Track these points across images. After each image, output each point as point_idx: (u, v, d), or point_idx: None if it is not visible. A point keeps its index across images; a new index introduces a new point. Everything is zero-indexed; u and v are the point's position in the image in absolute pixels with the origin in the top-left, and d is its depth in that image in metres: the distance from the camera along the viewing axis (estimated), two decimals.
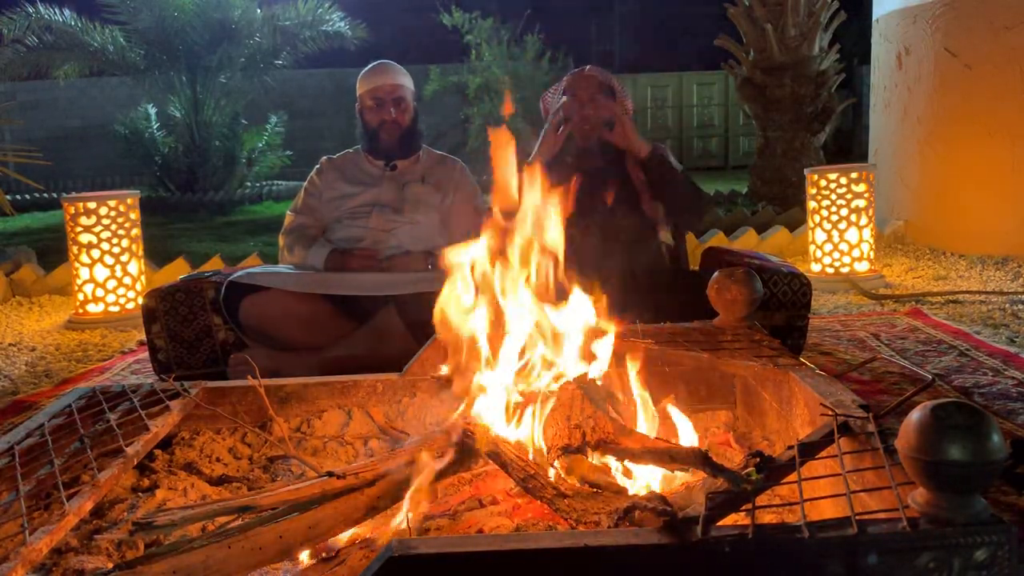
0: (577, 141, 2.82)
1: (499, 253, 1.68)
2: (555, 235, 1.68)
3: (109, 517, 1.63)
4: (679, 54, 14.51)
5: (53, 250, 5.67)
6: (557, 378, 1.65)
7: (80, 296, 4.02)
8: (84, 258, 4.00)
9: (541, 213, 1.67)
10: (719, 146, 14.28)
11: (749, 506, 1.17)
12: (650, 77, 14.13)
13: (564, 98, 2.85)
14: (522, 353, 1.67)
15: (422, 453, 1.49)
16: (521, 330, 1.67)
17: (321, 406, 2.06)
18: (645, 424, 1.65)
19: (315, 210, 2.95)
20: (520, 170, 1.68)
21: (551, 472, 1.52)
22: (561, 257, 1.69)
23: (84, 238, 3.98)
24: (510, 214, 1.68)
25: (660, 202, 2.77)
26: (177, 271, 4.61)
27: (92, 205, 3.98)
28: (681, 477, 1.54)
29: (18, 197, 10.35)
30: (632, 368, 1.68)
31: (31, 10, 9.31)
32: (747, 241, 5.20)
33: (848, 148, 12.51)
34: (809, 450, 1.35)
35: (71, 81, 10.78)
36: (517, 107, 11.50)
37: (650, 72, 14.19)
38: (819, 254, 4.42)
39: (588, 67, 2.85)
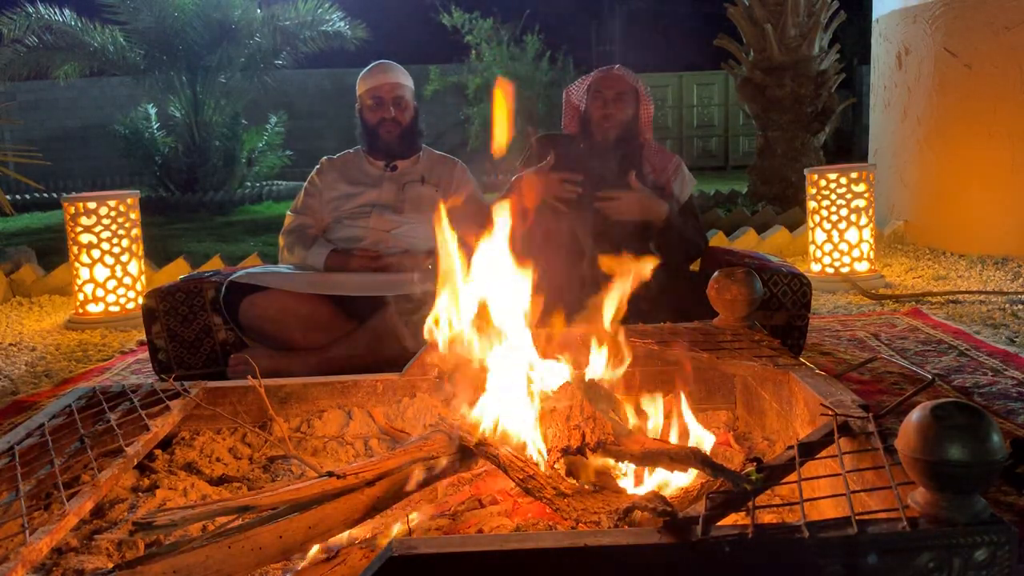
0: (594, 137, 2.82)
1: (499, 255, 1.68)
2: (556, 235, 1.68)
3: (109, 517, 1.63)
4: (679, 54, 14.51)
5: (53, 250, 5.67)
6: (557, 379, 1.65)
7: (80, 296, 4.02)
8: (84, 258, 3.99)
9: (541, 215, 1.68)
10: (719, 146, 14.29)
11: (749, 506, 1.17)
12: (650, 77, 14.11)
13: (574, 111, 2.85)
14: (522, 354, 1.67)
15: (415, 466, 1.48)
16: (521, 331, 1.67)
17: (321, 406, 2.06)
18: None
19: (315, 210, 2.95)
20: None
21: (550, 472, 1.52)
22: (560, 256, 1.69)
23: (84, 238, 3.98)
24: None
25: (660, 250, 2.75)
26: (177, 271, 4.61)
27: (92, 205, 3.98)
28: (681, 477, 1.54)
29: (18, 197, 10.37)
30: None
31: (31, 10, 9.32)
32: (747, 241, 5.20)
33: (848, 148, 12.52)
34: (809, 450, 1.35)
35: (71, 81, 10.79)
36: (517, 106, 11.53)
37: (650, 72, 14.20)
38: (819, 254, 4.42)
39: (616, 67, 2.87)
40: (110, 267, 4.01)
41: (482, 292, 1.66)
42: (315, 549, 1.36)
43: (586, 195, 2.67)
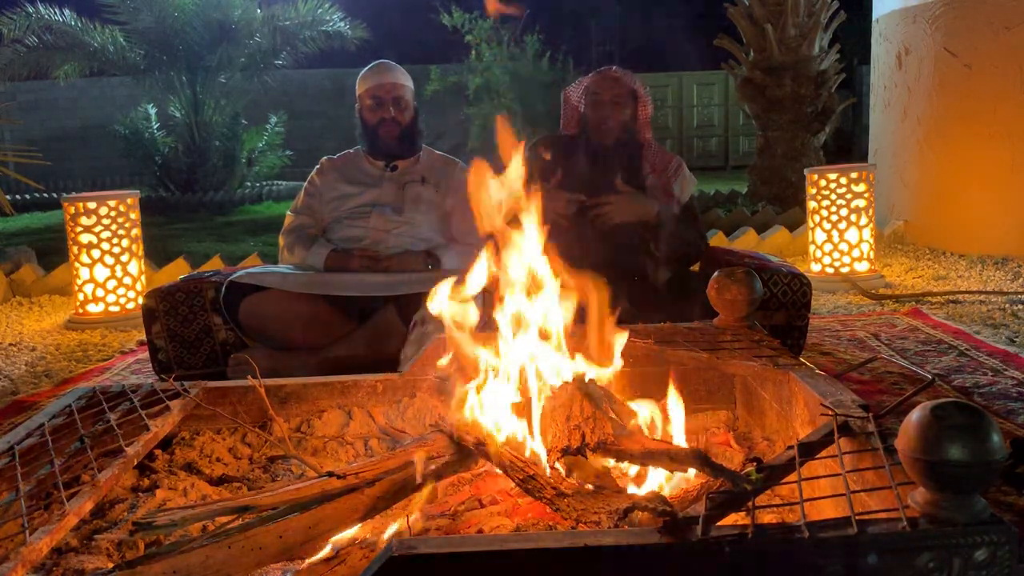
0: (592, 139, 2.82)
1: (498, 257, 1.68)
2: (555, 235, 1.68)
3: (109, 517, 1.63)
4: (679, 54, 14.52)
5: (53, 250, 5.67)
6: (557, 379, 1.65)
7: (80, 296, 4.02)
8: (84, 258, 4.00)
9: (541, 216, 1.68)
10: (719, 146, 14.29)
11: (749, 506, 1.17)
12: (650, 77, 14.12)
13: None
14: (522, 354, 1.67)
15: (419, 456, 1.49)
16: (521, 331, 1.67)
17: (321, 406, 2.06)
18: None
19: (315, 210, 2.95)
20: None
21: (550, 472, 1.52)
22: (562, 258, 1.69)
23: (84, 238, 3.98)
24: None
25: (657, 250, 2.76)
26: (177, 271, 4.61)
27: (92, 205, 3.98)
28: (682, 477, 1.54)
29: (18, 197, 10.37)
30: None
31: (31, 10, 9.32)
32: (747, 241, 5.20)
33: (848, 148, 12.52)
34: (809, 450, 1.35)
35: (71, 81, 10.79)
36: (516, 107, 11.53)
37: (650, 72, 14.21)
38: (819, 254, 4.43)
39: (613, 68, 2.85)
40: (110, 267, 4.01)
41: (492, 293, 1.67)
42: (323, 552, 1.36)
43: (586, 201, 2.68)
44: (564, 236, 1.97)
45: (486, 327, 1.70)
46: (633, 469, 1.56)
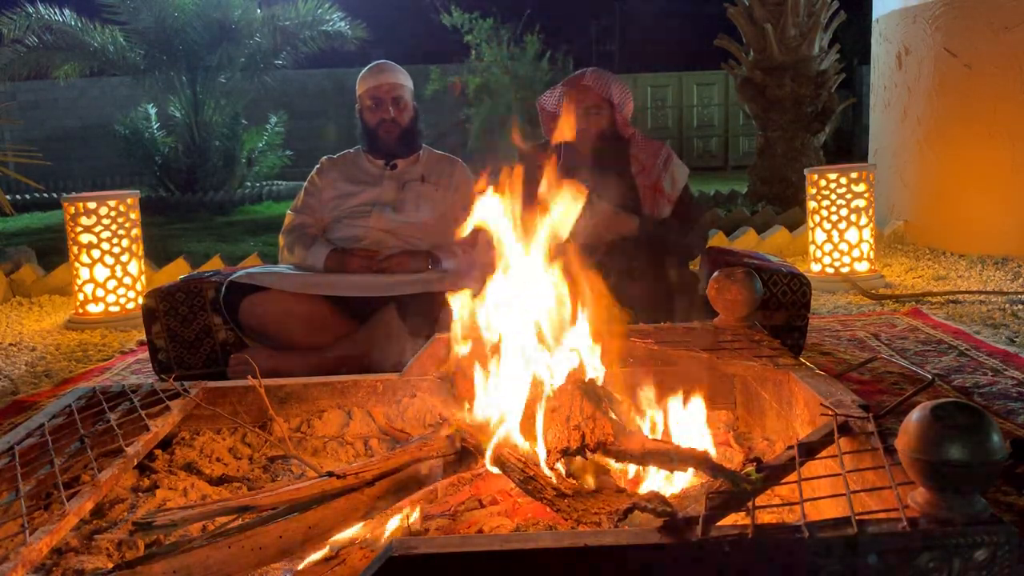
0: (575, 156, 2.74)
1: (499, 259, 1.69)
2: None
3: (109, 517, 1.63)
4: (679, 54, 14.52)
5: (53, 250, 5.67)
6: (557, 379, 1.65)
7: (80, 296, 4.02)
8: (84, 258, 4.00)
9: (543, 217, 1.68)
10: (719, 146, 14.29)
11: (749, 506, 1.17)
12: (650, 77, 14.14)
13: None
14: (522, 355, 1.67)
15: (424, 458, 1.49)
16: (521, 332, 1.67)
17: (321, 406, 2.06)
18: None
19: (315, 210, 2.95)
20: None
21: (550, 473, 1.52)
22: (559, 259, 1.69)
23: (84, 238, 3.98)
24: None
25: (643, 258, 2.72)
26: (177, 271, 4.61)
27: (92, 205, 3.98)
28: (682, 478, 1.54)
29: (18, 197, 10.37)
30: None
31: (31, 10, 9.31)
32: (747, 241, 5.20)
33: (848, 148, 12.52)
34: (809, 450, 1.35)
35: (71, 81, 10.80)
36: (517, 107, 11.53)
37: (650, 72, 14.21)
38: (819, 254, 4.43)
39: (588, 74, 2.73)
40: (110, 267, 4.01)
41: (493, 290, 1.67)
42: (323, 552, 1.36)
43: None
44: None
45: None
46: (633, 469, 1.56)
